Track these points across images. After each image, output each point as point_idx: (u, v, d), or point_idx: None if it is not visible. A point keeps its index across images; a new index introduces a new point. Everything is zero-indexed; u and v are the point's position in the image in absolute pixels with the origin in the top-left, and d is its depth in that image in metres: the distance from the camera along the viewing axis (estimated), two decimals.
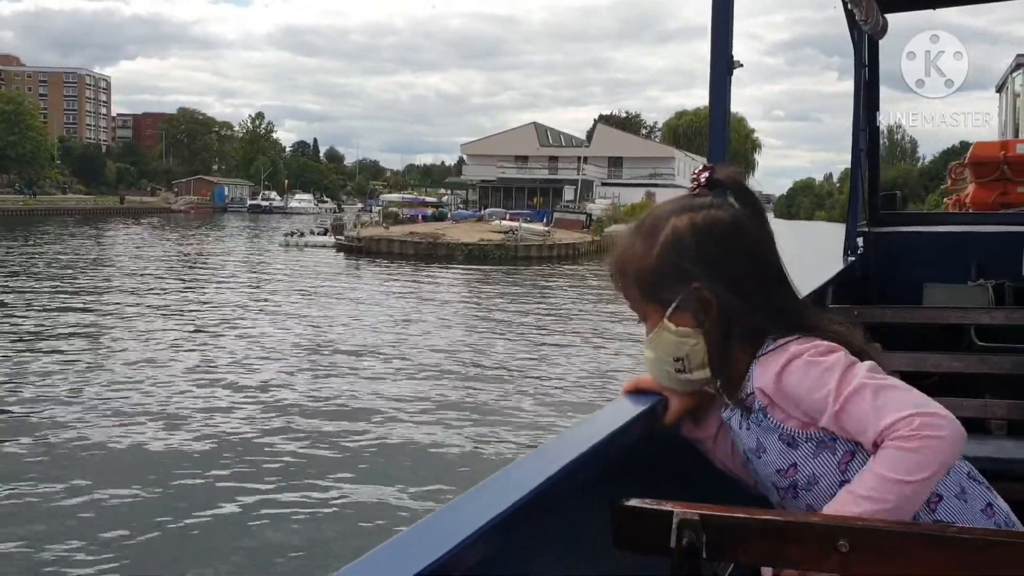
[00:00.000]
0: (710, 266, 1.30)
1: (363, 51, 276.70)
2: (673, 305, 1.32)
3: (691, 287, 1.30)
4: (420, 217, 53.37)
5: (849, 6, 3.73)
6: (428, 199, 66.24)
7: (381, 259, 39.15)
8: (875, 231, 4.49)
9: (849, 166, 4.57)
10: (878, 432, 1.16)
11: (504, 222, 44.25)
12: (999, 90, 14.31)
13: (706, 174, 1.38)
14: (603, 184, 72.30)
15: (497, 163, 71.22)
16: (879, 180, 4.72)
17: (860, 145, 4.39)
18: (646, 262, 1.33)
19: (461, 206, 70.17)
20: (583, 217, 50.23)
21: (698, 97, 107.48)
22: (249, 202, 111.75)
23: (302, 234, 45.20)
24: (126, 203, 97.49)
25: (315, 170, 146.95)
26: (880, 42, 4.35)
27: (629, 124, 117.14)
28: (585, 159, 74.26)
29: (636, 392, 1.47)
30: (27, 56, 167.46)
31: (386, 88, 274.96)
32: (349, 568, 0.81)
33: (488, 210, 57.81)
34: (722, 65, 2.22)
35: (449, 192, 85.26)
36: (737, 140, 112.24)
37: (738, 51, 2.13)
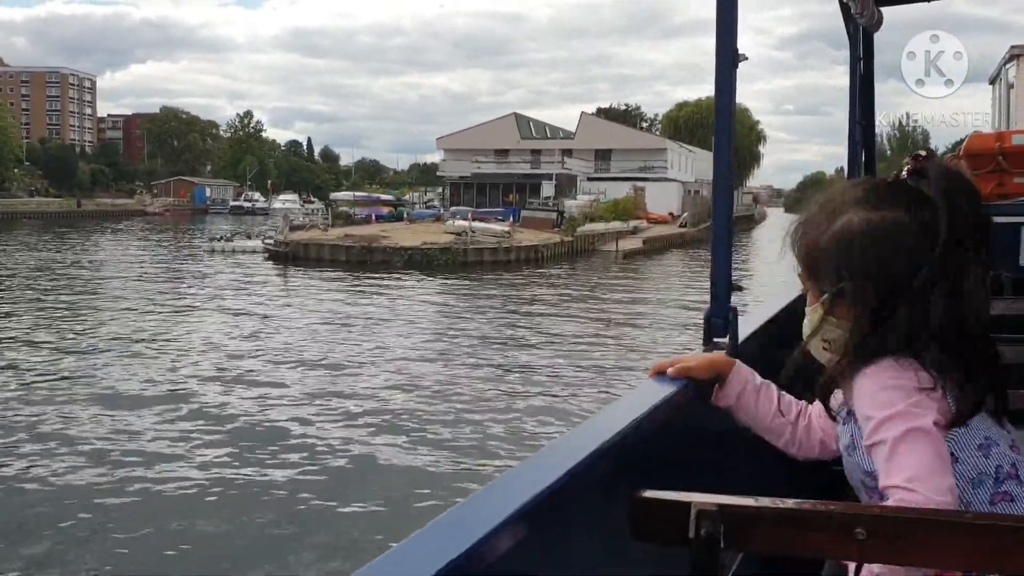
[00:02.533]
0: (869, 269, 1.30)
1: (370, 52, 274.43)
2: (826, 294, 1.35)
3: (843, 283, 1.31)
4: (374, 217, 47.98)
5: None
6: (385, 197, 60.32)
7: (310, 266, 34.10)
8: None
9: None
10: (883, 487, 1.22)
11: (458, 222, 38.90)
12: (992, 82, 14.28)
13: (913, 162, 1.34)
14: (589, 179, 66.76)
15: (473, 157, 65.89)
16: (876, 173, 4.60)
17: (856, 138, 4.35)
18: (816, 244, 1.35)
19: (434, 204, 64.54)
20: (554, 215, 44.76)
21: (705, 91, 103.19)
22: (231, 203, 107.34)
23: (230, 238, 39.98)
24: (91, 206, 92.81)
25: (307, 170, 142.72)
26: (876, 35, 4.29)
27: (628, 117, 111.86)
28: (570, 152, 68.92)
29: (660, 376, 1.51)
30: (39, 61, 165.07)
31: (393, 89, 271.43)
32: (374, 563, 0.83)
33: (452, 208, 52.48)
34: (727, 59, 2.13)
35: (423, 190, 79.89)
36: (741, 132, 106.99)
37: (746, 46, 2.12)
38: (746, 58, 2.12)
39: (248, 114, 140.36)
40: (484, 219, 46.73)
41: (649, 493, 1.13)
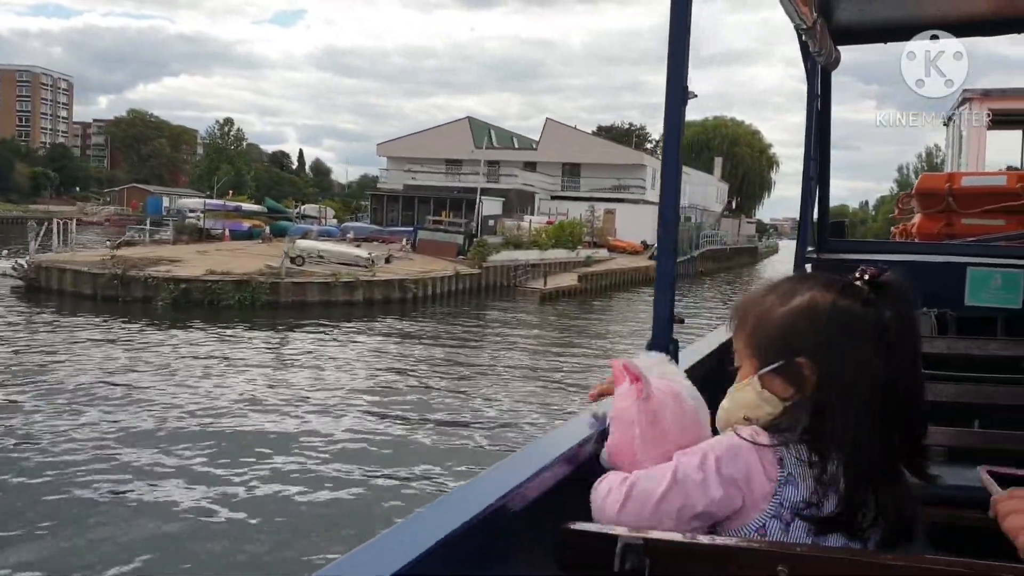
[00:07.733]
0: (829, 353, 1.21)
1: (403, 73, 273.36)
2: (771, 366, 1.26)
3: (797, 359, 1.23)
4: (227, 232, 36.81)
5: (804, 37, 3.77)
6: (251, 207, 49.23)
7: (49, 300, 23.01)
8: (823, 258, 4.50)
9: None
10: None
11: (300, 243, 27.61)
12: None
13: (869, 273, 1.28)
14: (553, 197, 55.30)
15: (407, 166, 54.68)
16: (828, 207, 4.77)
17: (811, 173, 4.38)
18: (770, 315, 1.28)
19: (361, 219, 53.30)
20: (460, 239, 33.23)
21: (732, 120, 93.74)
22: (188, 214, 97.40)
23: None
24: (17, 212, 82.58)
25: (290, 182, 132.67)
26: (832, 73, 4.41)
27: (629, 136, 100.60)
28: (533, 165, 57.62)
29: (601, 399, 1.45)
30: (74, 71, 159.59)
31: (424, 110, 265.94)
32: None
33: (345, 225, 41.27)
34: (676, 95, 2.18)
35: (353, 203, 68.84)
36: (751, 155, 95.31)
37: (778, 78, 1.21)
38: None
39: (228, 121, 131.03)
40: (389, 240, 35.66)
41: (577, 525, 1.12)
